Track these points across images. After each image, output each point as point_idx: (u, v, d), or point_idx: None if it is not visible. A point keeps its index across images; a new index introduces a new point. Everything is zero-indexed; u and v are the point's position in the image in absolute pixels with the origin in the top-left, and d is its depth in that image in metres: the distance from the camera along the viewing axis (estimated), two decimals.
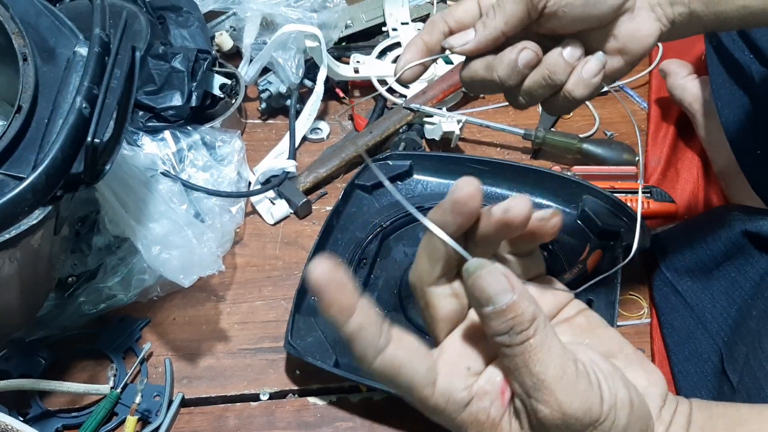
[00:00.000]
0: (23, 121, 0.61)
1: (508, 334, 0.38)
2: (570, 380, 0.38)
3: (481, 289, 0.38)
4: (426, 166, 0.96)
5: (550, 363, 0.38)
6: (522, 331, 0.38)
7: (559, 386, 0.37)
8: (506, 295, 0.38)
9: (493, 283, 0.38)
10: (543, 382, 0.37)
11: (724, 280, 0.77)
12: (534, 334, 0.38)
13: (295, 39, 1.03)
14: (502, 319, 0.38)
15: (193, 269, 0.76)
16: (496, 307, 0.38)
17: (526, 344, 0.38)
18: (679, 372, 0.77)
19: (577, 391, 0.38)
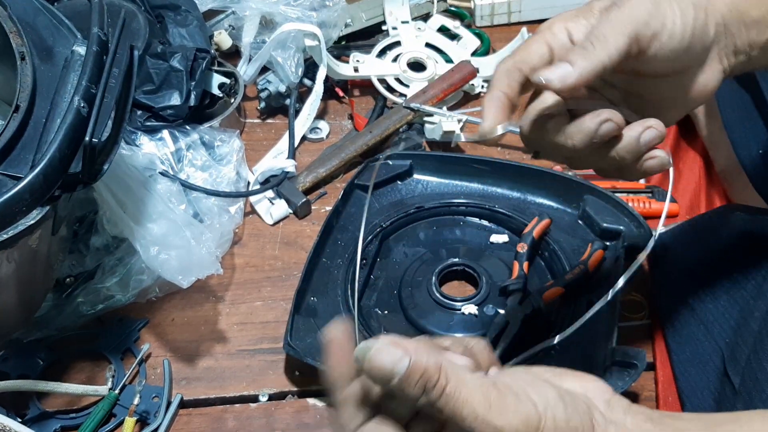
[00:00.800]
0: (21, 121, 0.61)
1: (425, 394, 0.38)
2: (498, 403, 0.39)
3: (379, 368, 0.39)
4: (426, 165, 0.96)
5: (473, 398, 0.38)
6: (435, 384, 0.38)
7: (490, 414, 0.38)
8: (404, 361, 0.38)
9: (387, 356, 0.38)
10: (476, 419, 0.38)
11: (725, 280, 0.77)
12: (446, 381, 0.38)
13: (294, 38, 1.02)
14: (412, 384, 0.38)
15: (192, 270, 0.76)
16: (401, 377, 0.38)
17: (444, 395, 0.38)
18: (680, 373, 0.77)
19: (509, 409, 0.39)
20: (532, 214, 0.89)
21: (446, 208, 0.93)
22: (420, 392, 0.38)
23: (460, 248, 0.90)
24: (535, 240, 0.86)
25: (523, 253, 0.85)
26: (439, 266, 0.86)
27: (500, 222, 0.92)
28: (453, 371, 0.39)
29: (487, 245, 0.90)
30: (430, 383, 0.38)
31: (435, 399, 0.38)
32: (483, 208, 0.92)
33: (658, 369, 0.80)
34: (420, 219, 0.93)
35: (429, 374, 0.38)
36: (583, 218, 0.90)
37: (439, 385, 0.38)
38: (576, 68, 0.48)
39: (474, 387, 0.39)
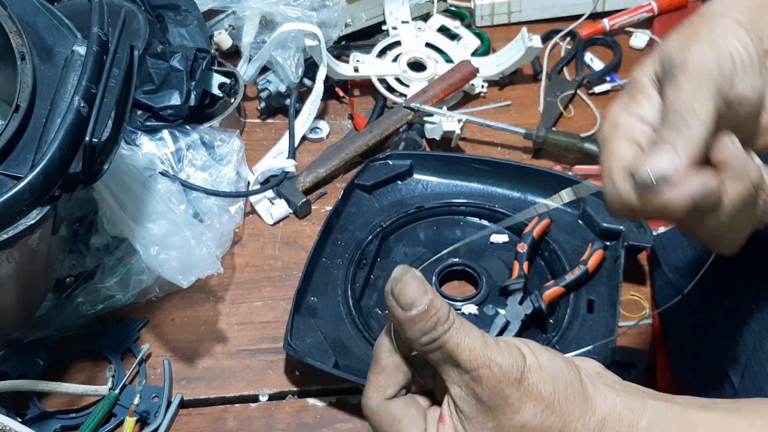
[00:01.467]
0: (21, 121, 0.61)
1: (435, 328, 0.43)
2: (492, 343, 0.43)
3: (406, 295, 0.43)
4: (426, 165, 0.96)
5: (474, 337, 0.43)
6: (446, 321, 0.43)
7: (485, 347, 0.43)
8: (427, 296, 0.43)
9: (414, 288, 0.44)
10: (474, 350, 0.42)
11: (725, 280, 0.77)
12: (454, 320, 0.43)
13: (294, 38, 1.02)
14: (427, 318, 0.43)
15: (192, 270, 0.76)
16: (419, 309, 0.43)
17: (452, 329, 0.43)
18: (680, 373, 0.77)
19: (500, 349, 0.43)
20: None
21: (446, 208, 0.93)
22: (432, 326, 0.43)
23: (460, 248, 0.90)
24: (536, 240, 0.86)
25: (523, 253, 0.85)
26: (439, 266, 0.86)
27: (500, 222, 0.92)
28: (459, 317, 0.44)
29: (487, 245, 0.90)
30: (442, 318, 0.43)
31: (442, 332, 0.43)
32: (483, 208, 0.92)
33: (658, 369, 0.80)
34: (420, 219, 0.93)
35: (443, 312, 0.43)
36: (583, 218, 0.89)
37: (449, 322, 0.43)
38: (680, 152, 0.43)
39: (473, 330, 0.44)
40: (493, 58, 1.13)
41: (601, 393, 0.44)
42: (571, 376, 0.43)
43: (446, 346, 0.43)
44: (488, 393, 0.42)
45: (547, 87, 1.10)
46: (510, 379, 0.42)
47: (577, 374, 0.44)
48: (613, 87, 1.10)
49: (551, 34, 1.19)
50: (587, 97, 1.10)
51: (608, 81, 1.11)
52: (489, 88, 1.12)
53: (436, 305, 0.43)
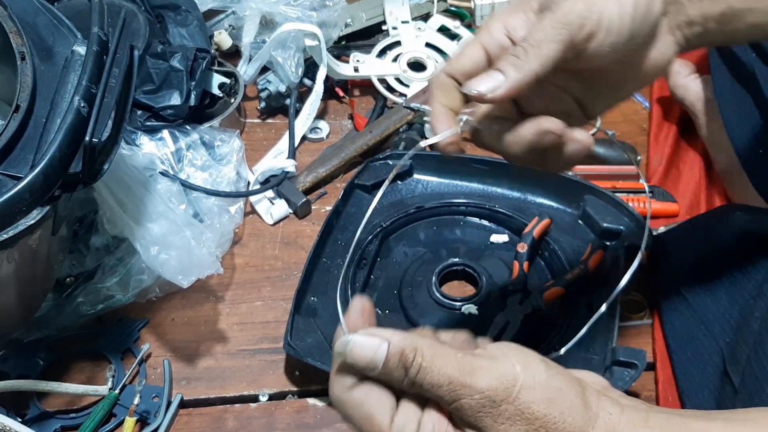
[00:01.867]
0: (21, 121, 0.61)
1: (406, 374, 0.42)
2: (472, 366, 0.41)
3: (362, 359, 0.42)
4: (426, 165, 0.96)
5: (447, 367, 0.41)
6: (412, 363, 0.41)
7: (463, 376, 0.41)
8: (382, 348, 0.42)
9: (365, 346, 0.42)
10: (450, 383, 0.41)
11: (726, 280, 0.77)
12: (423, 357, 0.41)
13: (294, 38, 1.02)
14: (394, 367, 0.42)
15: (192, 270, 0.76)
16: (381, 365, 0.42)
17: (422, 369, 0.41)
18: (681, 373, 0.77)
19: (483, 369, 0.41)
20: (533, 213, 0.89)
21: (446, 208, 0.93)
22: (402, 373, 0.42)
23: (460, 248, 0.90)
24: (536, 240, 0.86)
25: (523, 253, 0.85)
26: (439, 266, 0.86)
27: (500, 222, 0.92)
28: (429, 348, 0.42)
29: (487, 245, 0.90)
30: (408, 362, 0.41)
31: (414, 376, 0.41)
32: (483, 208, 0.92)
33: (658, 369, 0.80)
34: (420, 219, 0.93)
35: (405, 355, 0.41)
36: (583, 218, 0.89)
37: (416, 363, 0.41)
38: (508, 80, 0.48)
39: (449, 357, 0.42)
40: None
41: (606, 409, 0.43)
42: (573, 395, 0.42)
43: (423, 387, 0.42)
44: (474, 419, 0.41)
45: None
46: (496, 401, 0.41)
47: (581, 392, 0.43)
48: None
49: None
50: None
51: None
52: None
53: (395, 352, 0.42)
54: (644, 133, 1.05)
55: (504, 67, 0.48)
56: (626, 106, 1.09)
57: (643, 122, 1.06)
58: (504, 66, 0.48)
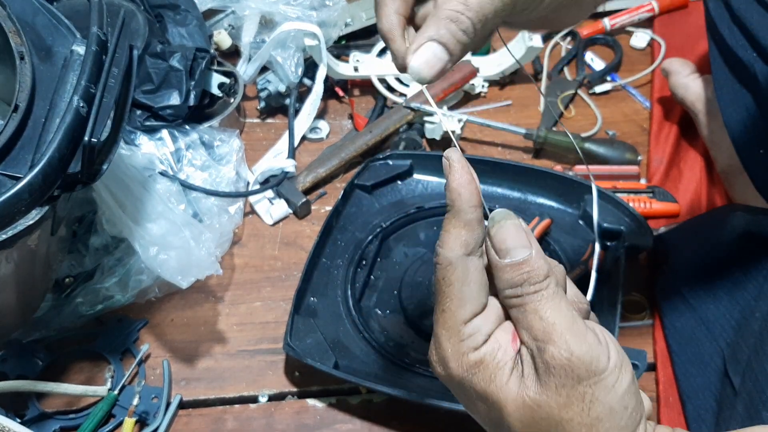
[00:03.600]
0: (20, 121, 0.61)
1: (522, 285, 0.40)
2: (579, 329, 0.40)
3: (502, 240, 0.41)
4: (426, 165, 0.95)
5: (561, 312, 0.40)
6: (536, 283, 0.40)
7: (568, 331, 0.40)
8: (523, 251, 0.41)
9: (514, 236, 0.41)
10: (553, 325, 0.40)
11: (726, 280, 0.77)
12: (547, 287, 0.41)
13: (294, 37, 1.02)
14: (517, 272, 0.41)
15: (191, 270, 0.75)
16: (513, 260, 0.41)
17: (539, 294, 0.40)
18: (681, 374, 0.77)
19: (586, 341, 0.40)
20: (533, 214, 0.89)
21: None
22: (520, 282, 0.41)
23: None
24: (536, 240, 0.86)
25: None
26: None
27: None
28: (556, 287, 0.41)
29: None
30: (533, 279, 0.40)
31: (528, 293, 0.40)
32: (483, 208, 0.92)
33: (659, 369, 0.80)
34: (420, 219, 0.93)
35: (536, 273, 0.41)
36: (583, 218, 0.89)
37: (539, 285, 0.40)
38: (452, 58, 0.46)
39: (566, 307, 0.41)
40: (494, 57, 1.13)
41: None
42: (630, 420, 0.41)
43: (526, 308, 0.40)
44: (545, 370, 0.40)
45: (548, 87, 1.10)
46: (572, 374, 0.39)
47: (637, 420, 0.41)
48: (614, 87, 1.10)
49: (551, 34, 1.18)
50: (588, 97, 1.09)
51: (609, 81, 1.11)
52: (489, 87, 1.11)
53: (532, 263, 0.40)
54: (645, 133, 1.05)
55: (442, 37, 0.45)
56: (627, 106, 1.09)
57: (643, 122, 1.06)
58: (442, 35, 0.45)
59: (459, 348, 0.43)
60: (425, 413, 0.77)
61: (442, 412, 0.72)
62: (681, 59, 1.01)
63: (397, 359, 0.79)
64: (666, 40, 1.14)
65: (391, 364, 0.78)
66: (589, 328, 0.41)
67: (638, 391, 0.42)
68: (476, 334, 0.42)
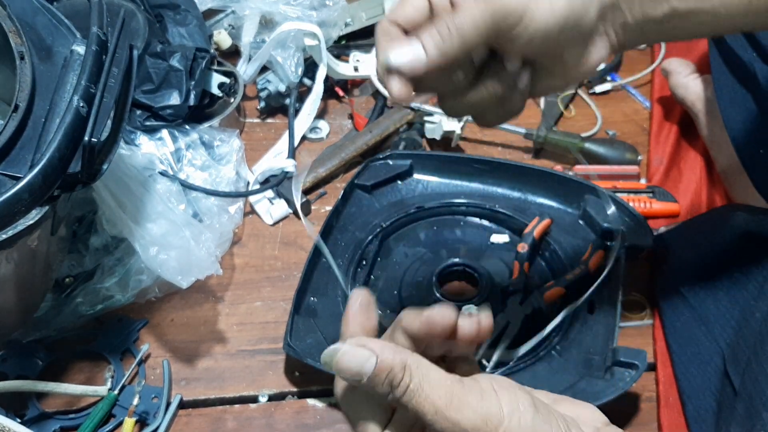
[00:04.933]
0: (20, 121, 0.61)
1: (392, 392, 0.40)
2: (459, 399, 0.40)
3: (347, 370, 0.40)
4: (427, 165, 0.95)
5: (434, 394, 0.40)
6: (399, 382, 0.40)
7: (449, 409, 0.39)
8: (370, 361, 0.40)
9: (353, 357, 0.40)
10: (435, 413, 0.39)
11: (727, 281, 0.77)
12: (410, 378, 0.40)
13: (294, 37, 1.02)
14: (379, 383, 0.40)
15: (191, 270, 0.75)
16: (369, 376, 0.40)
17: (408, 391, 0.40)
18: (681, 374, 0.76)
19: (470, 406, 0.40)
20: (533, 214, 0.89)
21: (446, 208, 0.93)
22: (387, 390, 0.40)
23: (460, 248, 0.89)
24: (536, 240, 0.86)
25: (523, 253, 0.84)
26: (440, 266, 0.86)
27: (501, 222, 0.91)
28: (418, 368, 0.41)
29: (487, 245, 0.90)
30: (395, 381, 0.40)
31: (400, 395, 0.40)
32: (483, 208, 0.92)
33: (659, 369, 0.80)
34: (420, 219, 0.93)
35: (394, 373, 0.40)
36: (583, 218, 0.89)
37: (404, 383, 0.40)
38: (427, 57, 0.48)
39: (437, 382, 0.40)
40: None
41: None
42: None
43: (409, 407, 0.40)
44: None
45: None
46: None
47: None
48: (614, 87, 1.10)
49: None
50: (588, 97, 1.09)
51: (609, 80, 1.11)
52: None
53: (383, 368, 0.40)
54: (645, 133, 1.05)
55: (426, 43, 0.49)
56: (627, 105, 1.09)
57: (643, 122, 1.06)
58: (427, 41, 0.49)
59: None
60: None
61: None
62: (681, 59, 1.01)
63: None
64: None
65: None
66: (468, 386, 0.41)
67: (556, 413, 0.42)
68: None
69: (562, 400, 0.46)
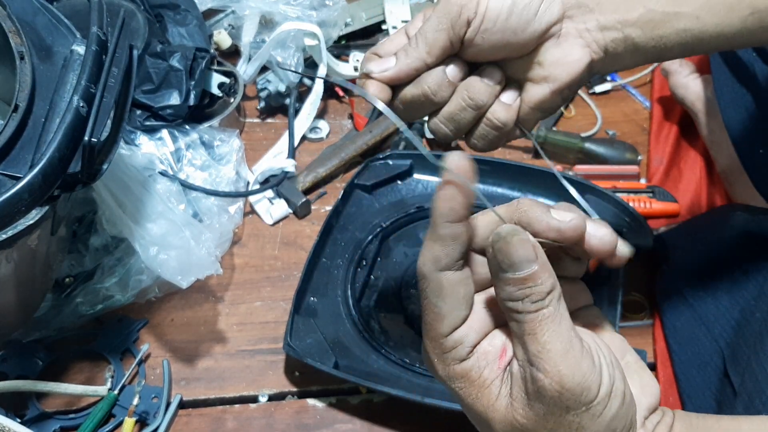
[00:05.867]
0: (20, 120, 0.61)
1: (522, 301, 0.39)
2: (575, 356, 0.38)
3: (506, 254, 0.39)
4: (427, 165, 0.95)
5: (558, 335, 0.38)
6: (537, 300, 0.38)
7: (563, 359, 0.38)
8: (529, 264, 0.39)
9: (520, 250, 0.39)
10: (549, 352, 0.38)
11: (726, 280, 0.77)
12: (548, 305, 0.39)
13: (294, 37, 1.02)
14: (520, 286, 0.39)
15: (191, 270, 0.75)
16: (517, 274, 0.39)
17: (539, 313, 0.39)
18: (681, 374, 0.77)
19: (580, 369, 0.38)
20: None
21: None
22: (521, 297, 0.39)
23: None
24: None
25: None
26: None
27: None
28: (558, 303, 0.39)
29: None
30: (534, 296, 0.39)
31: (528, 311, 0.39)
32: (483, 208, 0.92)
33: (659, 369, 0.80)
34: (420, 219, 0.93)
35: (539, 290, 0.39)
36: None
37: (540, 304, 0.39)
38: (397, 64, 0.54)
39: (565, 328, 0.39)
40: None
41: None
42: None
43: (524, 327, 0.39)
44: (536, 397, 0.39)
45: None
46: (560, 402, 0.38)
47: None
48: (613, 86, 1.10)
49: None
50: (588, 97, 1.09)
51: (609, 80, 1.11)
52: None
53: (536, 278, 0.38)
54: (645, 133, 1.05)
55: (398, 54, 0.55)
56: (627, 105, 1.09)
57: (643, 122, 1.06)
58: (398, 53, 0.55)
59: (443, 359, 0.43)
60: (425, 413, 0.77)
61: (442, 412, 0.72)
62: (681, 59, 1.01)
63: (397, 359, 0.79)
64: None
65: (391, 364, 0.78)
66: (586, 350, 0.39)
67: (629, 404, 0.41)
68: (459, 347, 0.42)
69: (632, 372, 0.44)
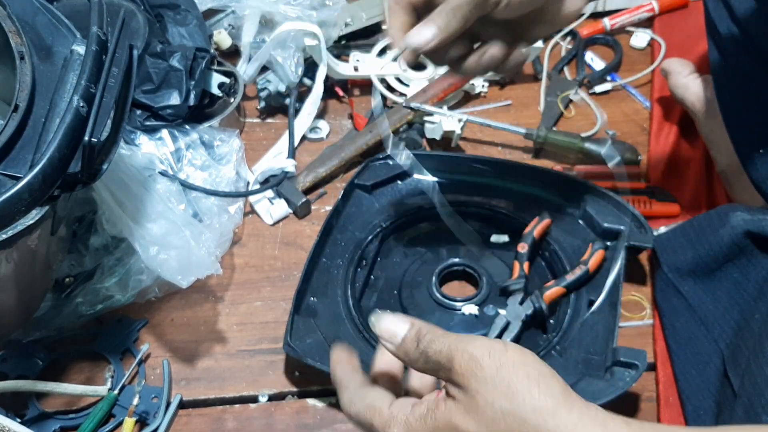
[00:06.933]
0: (20, 120, 0.61)
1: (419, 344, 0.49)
2: (470, 338, 0.47)
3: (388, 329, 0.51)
4: (427, 165, 0.95)
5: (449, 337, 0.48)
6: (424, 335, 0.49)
7: (462, 342, 0.47)
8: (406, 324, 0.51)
9: (394, 321, 0.51)
10: (450, 346, 0.47)
11: (726, 281, 0.77)
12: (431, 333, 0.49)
13: (294, 37, 1.02)
14: (410, 340, 0.50)
15: (191, 270, 0.75)
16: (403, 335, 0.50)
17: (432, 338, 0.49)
18: (681, 374, 0.76)
19: (477, 341, 0.47)
20: (533, 214, 0.89)
21: (446, 208, 0.93)
22: (415, 344, 0.49)
23: (460, 248, 0.89)
24: (536, 240, 0.86)
25: (523, 253, 0.84)
26: (439, 266, 0.86)
27: (500, 222, 0.91)
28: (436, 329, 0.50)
29: (487, 245, 0.90)
30: (420, 335, 0.49)
31: (428, 342, 0.48)
32: (483, 208, 0.92)
33: (658, 369, 0.80)
34: (420, 219, 0.93)
35: (420, 330, 0.50)
36: (583, 218, 0.89)
37: (427, 336, 0.49)
38: (439, 35, 0.61)
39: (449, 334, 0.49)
40: None
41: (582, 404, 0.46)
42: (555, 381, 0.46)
43: (429, 354, 0.48)
44: (463, 380, 0.45)
45: (548, 86, 1.10)
46: (482, 365, 0.45)
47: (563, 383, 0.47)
48: (614, 87, 1.10)
49: (552, 34, 1.18)
50: (588, 97, 1.09)
51: (609, 80, 1.11)
52: (489, 87, 1.11)
53: (414, 329, 0.50)
54: (645, 133, 1.05)
55: (435, 20, 0.61)
56: (627, 105, 1.09)
57: (643, 122, 1.06)
58: (436, 19, 0.61)
59: None
60: None
61: None
62: (681, 59, 1.01)
63: None
64: (666, 40, 1.14)
65: None
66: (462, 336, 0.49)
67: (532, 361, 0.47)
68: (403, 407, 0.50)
69: None
